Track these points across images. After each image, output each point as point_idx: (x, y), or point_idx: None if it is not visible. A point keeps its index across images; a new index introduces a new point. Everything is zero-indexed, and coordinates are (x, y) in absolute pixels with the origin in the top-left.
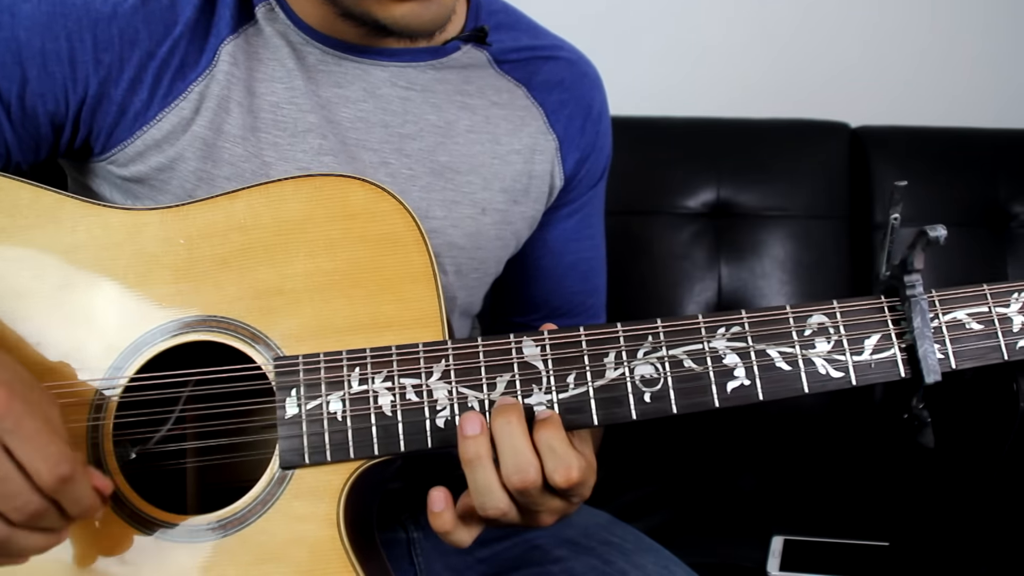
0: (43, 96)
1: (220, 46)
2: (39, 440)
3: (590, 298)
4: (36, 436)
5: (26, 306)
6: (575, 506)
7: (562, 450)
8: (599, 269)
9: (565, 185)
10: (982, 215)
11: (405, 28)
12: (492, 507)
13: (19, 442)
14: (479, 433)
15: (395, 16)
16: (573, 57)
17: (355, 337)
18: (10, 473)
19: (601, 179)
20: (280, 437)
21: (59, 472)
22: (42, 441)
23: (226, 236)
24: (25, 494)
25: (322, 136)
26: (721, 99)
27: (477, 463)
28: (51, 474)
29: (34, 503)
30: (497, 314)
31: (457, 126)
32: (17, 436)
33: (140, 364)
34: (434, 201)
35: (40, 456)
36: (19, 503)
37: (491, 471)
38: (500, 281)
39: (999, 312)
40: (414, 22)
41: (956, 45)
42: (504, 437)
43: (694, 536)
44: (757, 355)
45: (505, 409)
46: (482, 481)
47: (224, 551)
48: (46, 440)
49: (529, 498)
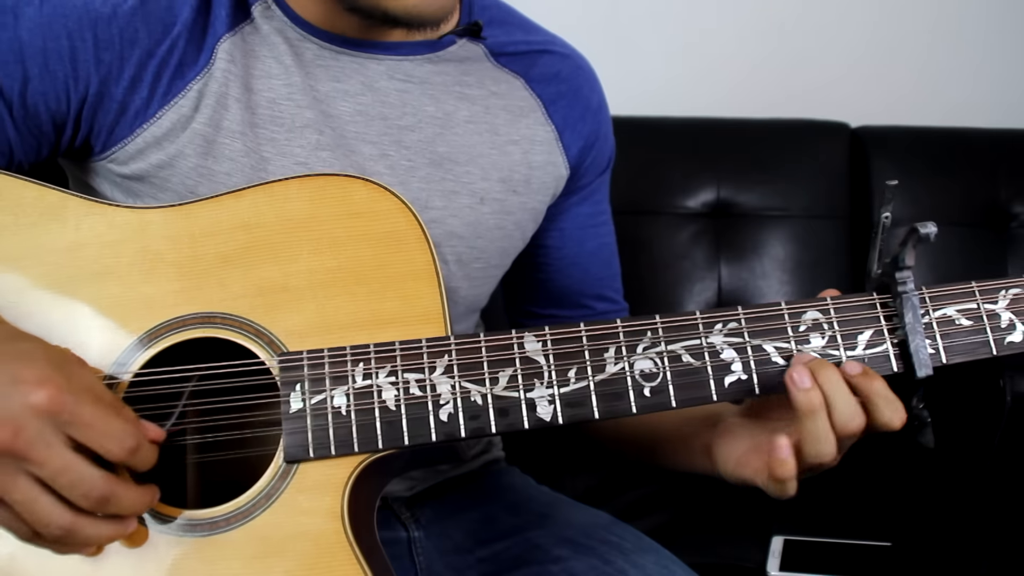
0: (45, 95)
1: (217, 44)
2: (99, 423)
3: (614, 281)
4: (95, 420)
5: (30, 302)
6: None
7: (889, 395)
8: (616, 253)
9: (571, 174)
10: (982, 215)
11: (416, 16)
12: (827, 453)
13: (82, 431)
14: (811, 386)
15: (406, 5)
16: (567, 52)
17: (358, 333)
18: (73, 461)
19: (607, 168)
20: (284, 432)
21: (128, 445)
22: (102, 423)
23: (230, 234)
24: (89, 479)
25: (319, 131)
26: (721, 99)
27: (819, 412)
28: (122, 449)
29: (99, 487)
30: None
31: (455, 117)
32: (78, 426)
33: (144, 360)
34: (433, 191)
35: (107, 437)
36: (85, 488)
37: (827, 419)
38: (530, 280)
39: (988, 308)
40: (426, 10)
41: (956, 45)
42: (833, 390)
43: (694, 536)
44: (753, 350)
45: (826, 364)
46: (822, 429)
47: (229, 545)
48: (104, 420)
49: (847, 442)
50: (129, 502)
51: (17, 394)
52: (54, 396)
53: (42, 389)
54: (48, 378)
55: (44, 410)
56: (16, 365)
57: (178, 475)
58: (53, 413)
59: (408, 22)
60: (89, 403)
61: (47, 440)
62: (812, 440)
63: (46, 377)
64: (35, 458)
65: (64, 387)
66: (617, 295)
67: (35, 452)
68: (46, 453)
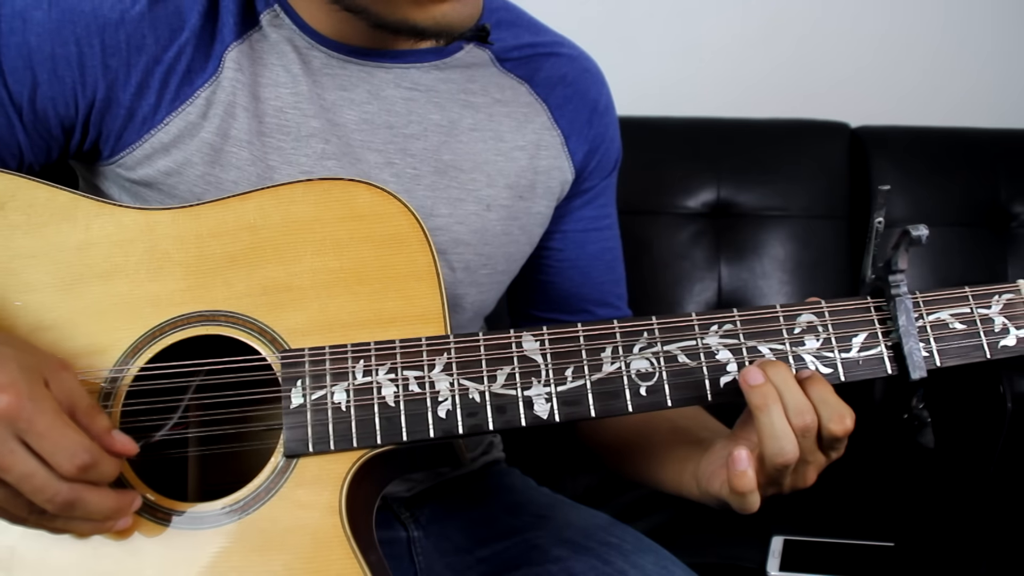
0: (53, 99)
1: (225, 52)
2: (53, 435)
3: (617, 287)
4: (50, 432)
5: (39, 300)
6: (830, 461)
7: (834, 401)
8: (621, 259)
9: (576, 177)
10: (982, 215)
11: (446, 28)
12: (789, 451)
13: (36, 439)
14: (763, 382)
15: (435, 17)
16: (574, 53)
17: (359, 332)
18: (34, 469)
19: (613, 170)
20: (285, 427)
21: (77, 462)
22: (56, 435)
23: (236, 235)
24: (52, 486)
25: (324, 140)
26: (721, 99)
27: (772, 406)
28: (71, 464)
29: (63, 493)
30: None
31: (461, 124)
32: (32, 434)
33: (149, 356)
34: (439, 199)
35: (57, 450)
36: (48, 495)
37: (782, 413)
38: (531, 281)
39: (981, 313)
40: (456, 20)
41: (956, 45)
42: (783, 384)
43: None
44: (748, 351)
45: (776, 363)
46: (778, 424)
47: (228, 537)
48: (59, 434)
49: (807, 444)
50: (96, 507)
51: None
52: (12, 402)
53: (3, 394)
54: (12, 384)
55: (2, 416)
56: None
57: (178, 469)
58: (11, 420)
59: (437, 34)
60: (48, 413)
61: (9, 446)
62: (770, 437)
63: (10, 383)
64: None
65: (25, 394)
66: (620, 301)
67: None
68: (10, 459)
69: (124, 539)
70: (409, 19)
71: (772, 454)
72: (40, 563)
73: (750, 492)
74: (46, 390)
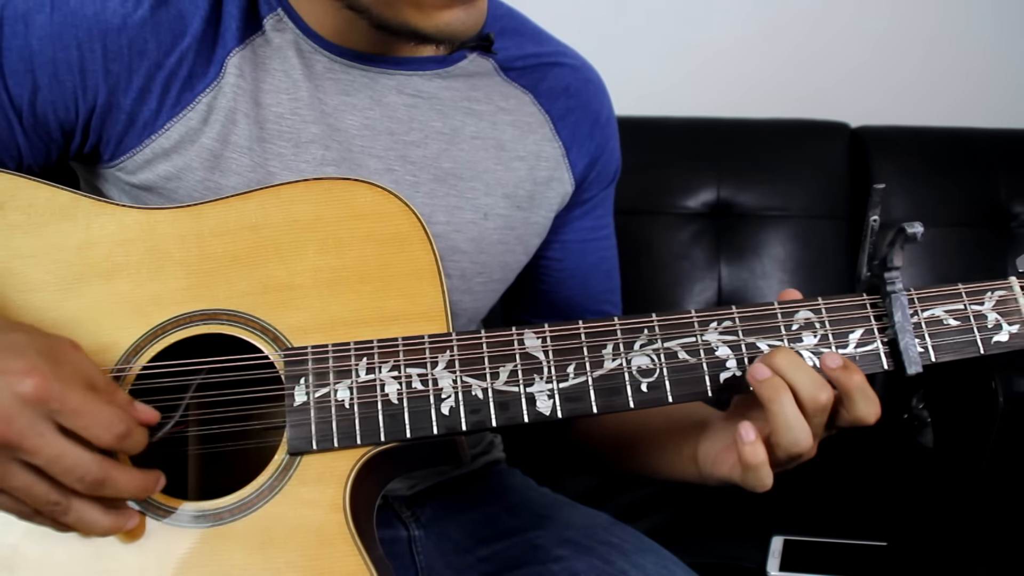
0: (54, 103)
1: (227, 58)
2: (87, 410)
3: (614, 295)
4: (83, 407)
5: (40, 299)
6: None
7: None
8: (617, 266)
9: (576, 188)
10: (982, 215)
11: (448, 35)
12: (803, 440)
13: (70, 417)
14: (770, 375)
15: (439, 24)
16: (577, 63)
17: (362, 330)
18: (65, 449)
19: (612, 182)
20: (288, 425)
21: (115, 431)
22: (90, 409)
23: (237, 234)
24: (84, 464)
25: (325, 147)
26: (721, 99)
27: (782, 397)
28: (110, 434)
29: (93, 471)
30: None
31: (462, 132)
32: (66, 413)
33: (151, 355)
34: (437, 207)
35: (93, 423)
36: (80, 472)
37: (793, 402)
38: (529, 289)
39: (974, 309)
40: (459, 28)
41: (956, 45)
42: (792, 368)
43: (694, 536)
44: (747, 348)
45: (780, 349)
46: (791, 415)
47: (232, 536)
48: (93, 407)
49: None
50: (125, 484)
51: (5, 385)
52: (40, 385)
53: (29, 378)
54: (35, 367)
55: (32, 399)
56: (4, 356)
57: (182, 467)
58: (41, 402)
59: (439, 41)
60: (77, 390)
61: (38, 429)
62: (784, 428)
63: (33, 366)
64: (28, 447)
65: (51, 375)
66: (616, 309)
67: (28, 442)
68: (39, 442)
69: (127, 536)
70: (411, 23)
71: (787, 444)
72: (42, 561)
73: (762, 463)
74: (67, 369)
